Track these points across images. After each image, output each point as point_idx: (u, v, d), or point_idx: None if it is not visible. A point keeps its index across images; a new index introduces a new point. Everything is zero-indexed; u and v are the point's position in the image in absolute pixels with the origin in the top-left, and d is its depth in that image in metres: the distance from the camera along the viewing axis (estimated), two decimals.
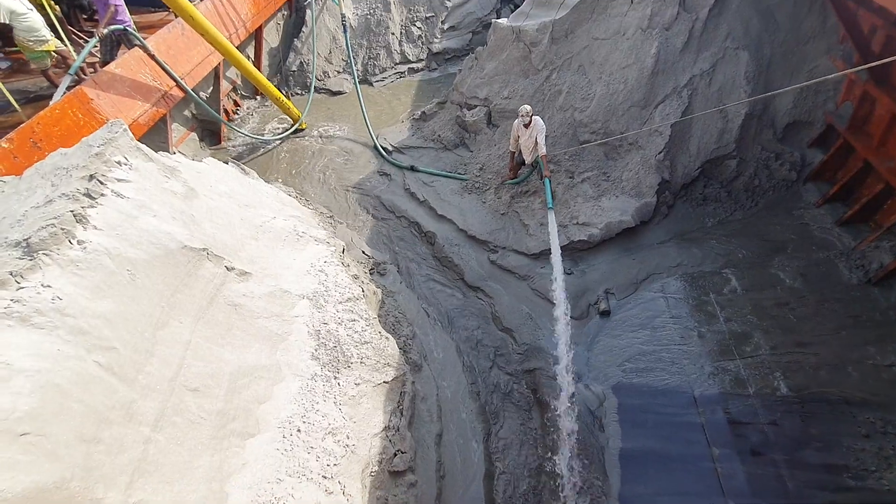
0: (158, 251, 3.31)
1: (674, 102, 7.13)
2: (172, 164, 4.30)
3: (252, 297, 3.85)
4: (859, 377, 5.16)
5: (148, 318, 3.03)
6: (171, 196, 3.79)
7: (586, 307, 6.41)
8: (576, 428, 5.15)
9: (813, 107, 7.24)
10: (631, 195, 7.06)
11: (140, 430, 2.66)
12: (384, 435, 4.18)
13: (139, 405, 2.72)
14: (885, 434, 4.71)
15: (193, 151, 8.57)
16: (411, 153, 8.93)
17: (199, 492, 2.75)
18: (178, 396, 2.94)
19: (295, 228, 5.16)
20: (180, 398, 2.95)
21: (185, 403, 2.96)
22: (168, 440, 2.76)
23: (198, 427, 2.95)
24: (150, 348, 2.95)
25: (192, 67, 7.99)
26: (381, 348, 4.60)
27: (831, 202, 6.79)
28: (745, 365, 5.47)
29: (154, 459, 2.63)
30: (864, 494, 4.41)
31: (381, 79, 11.13)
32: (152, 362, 2.92)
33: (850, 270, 6.08)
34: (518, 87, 8.27)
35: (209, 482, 2.84)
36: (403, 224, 7.75)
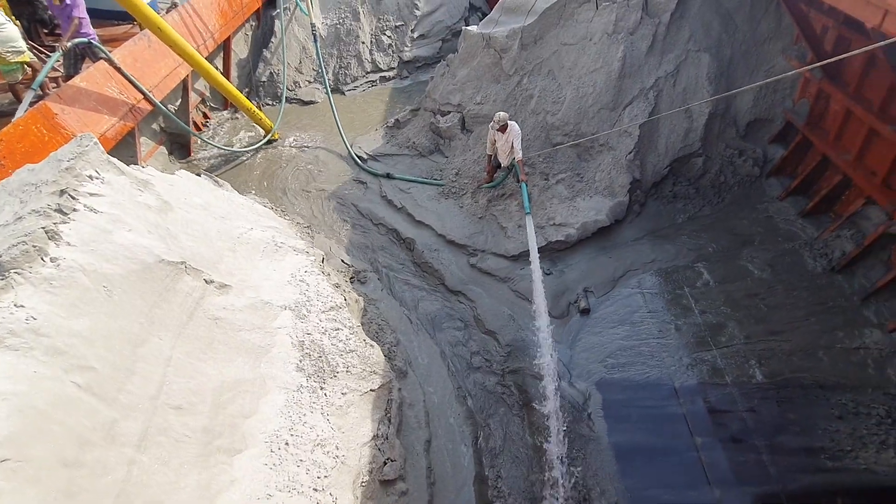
0: (135, 266, 3.21)
1: (641, 104, 7.34)
2: (145, 177, 4.19)
3: (233, 309, 3.78)
4: (830, 361, 5.38)
5: (127, 336, 2.94)
6: (145, 210, 3.69)
7: (566, 306, 6.51)
8: (563, 426, 5.21)
9: (772, 105, 7.58)
10: (604, 195, 7.23)
11: (123, 452, 2.56)
12: (373, 444, 4.14)
13: (121, 426, 2.63)
14: (858, 415, 4.92)
15: (163, 165, 8.37)
16: (386, 161, 8.93)
17: None
18: (161, 415, 2.86)
19: (273, 239, 5.09)
20: (164, 416, 2.86)
21: (169, 422, 2.88)
22: (153, 460, 2.67)
23: (183, 446, 2.87)
24: (131, 366, 2.86)
25: (160, 80, 7.83)
26: (367, 356, 4.57)
27: (793, 195, 7.10)
28: (722, 355, 5.64)
29: (139, 481, 2.54)
30: (842, 474, 4.59)
31: (352, 87, 11.12)
32: (133, 381, 2.83)
33: (814, 259, 6.35)
34: (490, 93, 8.38)
35: (198, 501, 2.75)
36: (382, 231, 7.73)
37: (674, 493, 4.72)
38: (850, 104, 6.16)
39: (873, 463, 4.60)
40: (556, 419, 5.26)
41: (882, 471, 4.55)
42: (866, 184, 6.01)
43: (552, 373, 5.49)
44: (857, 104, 6.08)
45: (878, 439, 4.71)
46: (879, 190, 5.87)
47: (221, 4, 9.50)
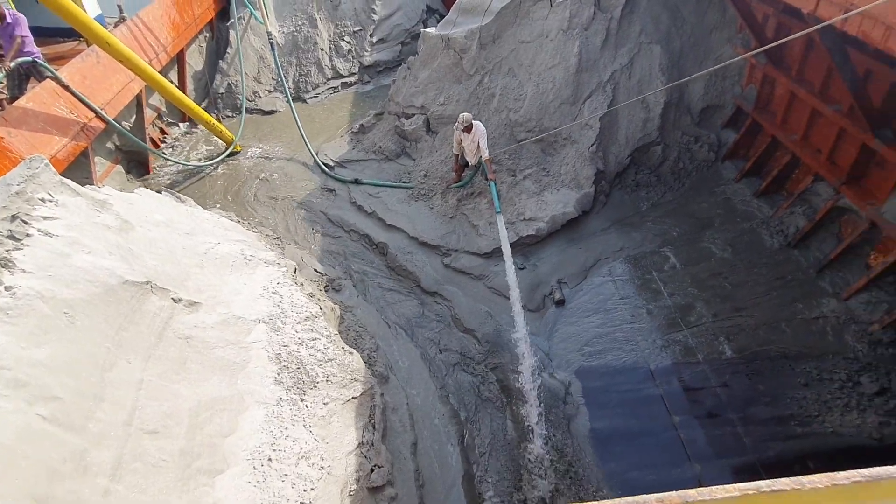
0: (97, 289, 3.09)
1: (599, 97, 7.53)
2: (102, 197, 4.05)
3: (204, 327, 3.68)
4: (792, 332, 5.64)
5: (93, 361, 2.83)
6: (104, 230, 3.56)
7: (541, 299, 6.61)
8: (545, 416, 5.29)
9: (722, 91, 7.89)
10: (571, 187, 7.37)
11: (97, 482, 2.47)
12: (359, 451, 4.11)
13: (93, 455, 2.53)
14: (822, 381, 5.17)
15: (121, 184, 8.09)
16: (353, 166, 8.87)
17: None
18: (135, 441, 2.76)
19: (242, 253, 4.99)
20: (138, 442, 2.77)
21: (144, 447, 2.78)
22: (129, 489, 2.58)
23: (160, 471, 2.78)
24: (99, 393, 2.75)
25: (112, 96, 7.56)
26: (346, 364, 4.53)
27: (748, 177, 7.41)
28: (692, 334, 5.84)
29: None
30: (812, 439, 4.81)
31: (314, 95, 10.99)
32: (103, 408, 2.72)
33: (771, 237, 6.64)
34: (453, 93, 8.44)
35: None
36: (353, 238, 7.67)
37: (656, 473, 4.85)
38: (794, 87, 6.48)
39: (838, 425, 4.85)
40: (537, 413, 5.33)
41: (847, 432, 4.80)
42: (813, 162, 6.33)
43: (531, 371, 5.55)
44: (799, 87, 6.40)
45: (842, 402, 4.96)
46: (825, 167, 6.18)
47: (173, 17, 9.26)
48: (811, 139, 6.54)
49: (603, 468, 4.95)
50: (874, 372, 5.09)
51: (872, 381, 5.00)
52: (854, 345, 5.37)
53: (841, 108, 5.87)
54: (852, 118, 5.67)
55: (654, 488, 3.84)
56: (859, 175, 5.86)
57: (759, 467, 4.73)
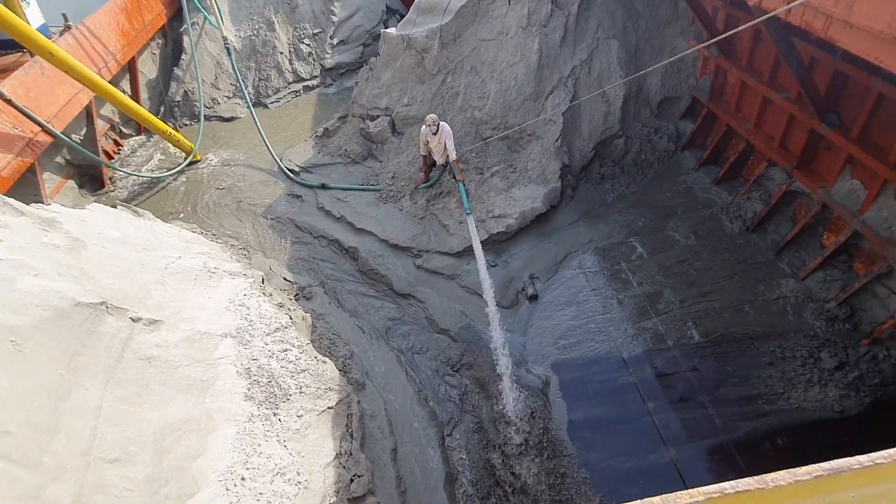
0: (47, 313, 2.93)
1: (561, 92, 7.62)
2: (50, 215, 3.84)
3: (167, 346, 3.54)
4: (755, 313, 5.84)
5: (46, 391, 2.67)
6: (53, 251, 3.38)
7: (515, 295, 6.65)
8: (524, 411, 5.32)
9: (678, 83, 8.10)
10: (538, 183, 7.44)
11: None
12: (337, 462, 4.03)
13: (50, 490, 2.39)
14: (784, 359, 5.37)
15: (73, 200, 7.73)
16: (320, 171, 8.72)
17: None
18: (95, 472, 2.62)
19: (205, 265, 4.83)
20: (99, 473, 2.63)
21: (106, 477, 2.65)
22: None
23: (125, 501, 2.65)
24: (54, 423, 2.60)
25: (59, 109, 7.21)
26: (320, 373, 4.44)
27: (706, 165, 7.63)
28: (662, 321, 5.98)
29: None
30: (779, 416, 4.99)
31: (275, 100, 10.77)
32: (59, 439, 2.58)
33: (731, 222, 6.86)
34: (416, 94, 8.39)
35: None
36: (323, 244, 7.54)
37: (634, 460, 4.94)
38: (744, 77, 6.70)
39: (803, 401, 5.05)
40: (517, 406, 5.36)
41: (811, 407, 5.00)
42: (766, 148, 6.57)
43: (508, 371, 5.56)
44: (750, 76, 6.63)
45: (805, 378, 5.16)
46: (778, 152, 6.42)
47: (121, 23, 8.90)
48: (763, 126, 6.78)
49: (582, 458, 5.00)
50: (833, 347, 5.32)
51: (832, 357, 5.22)
52: (813, 322, 5.60)
53: (789, 96, 6.10)
54: (800, 105, 5.91)
55: (632, 475, 3.89)
56: (809, 159, 6.12)
57: (731, 447, 4.87)
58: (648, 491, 4.74)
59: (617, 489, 4.75)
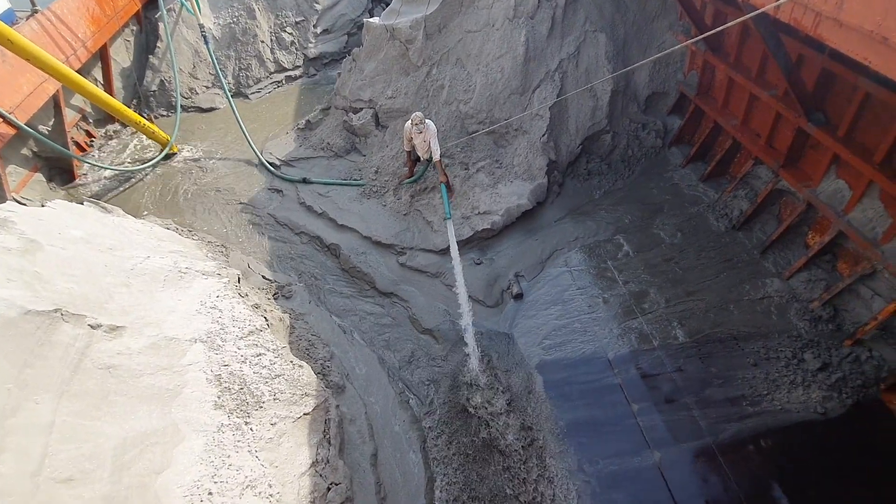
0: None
1: (548, 86, 7.47)
2: (2, 214, 3.61)
3: (129, 353, 3.35)
4: (740, 313, 5.80)
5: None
6: (3, 254, 3.16)
7: (500, 294, 6.53)
8: (509, 411, 5.22)
9: (666, 78, 8.00)
10: (524, 179, 7.31)
11: None
12: (313, 471, 3.89)
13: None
14: (769, 360, 5.34)
15: (41, 194, 7.42)
16: (301, 165, 8.49)
17: None
18: (46, 493, 2.45)
19: (176, 265, 4.62)
20: (49, 494, 2.46)
21: (58, 499, 2.48)
22: None
23: None
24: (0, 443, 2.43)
25: (23, 98, 6.88)
26: (296, 378, 4.28)
27: (693, 162, 7.56)
28: (647, 321, 5.91)
29: None
30: (763, 417, 4.95)
31: (256, 90, 10.47)
32: (4, 460, 2.40)
33: (717, 220, 6.81)
34: (401, 86, 8.18)
35: None
36: (304, 240, 7.35)
37: (618, 462, 4.88)
38: (732, 73, 6.61)
39: (786, 402, 5.02)
40: (501, 405, 5.26)
41: (794, 408, 4.97)
42: (753, 146, 6.51)
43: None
44: (737, 72, 6.54)
45: (788, 380, 5.13)
46: (764, 150, 6.36)
47: (91, 8, 8.52)
48: (750, 124, 6.72)
49: (568, 461, 4.93)
50: (816, 348, 5.30)
51: (815, 357, 5.20)
52: (797, 323, 5.57)
53: (777, 93, 6.03)
54: (787, 103, 5.84)
55: (616, 478, 3.80)
56: (796, 158, 6.06)
57: (715, 449, 4.83)
58: (634, 494, 4.71)
59: (601, 492, 4.68)
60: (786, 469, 4.64)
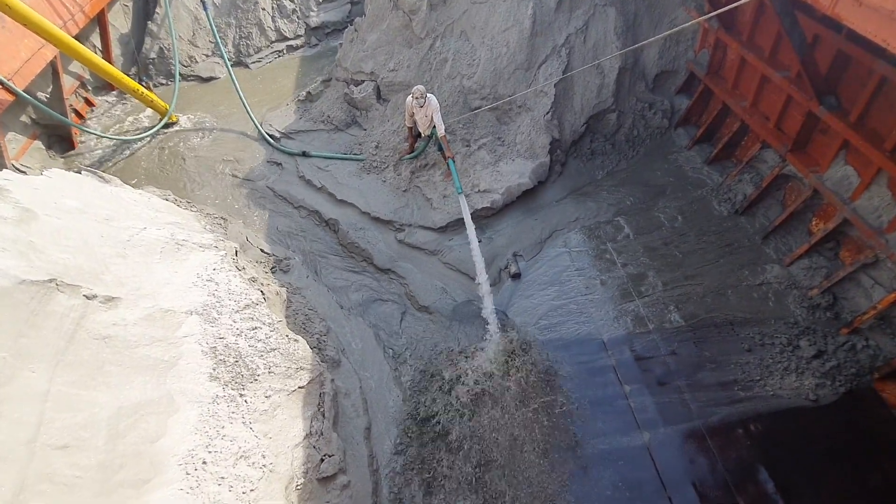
0: None
1: (554, 62, 7.28)
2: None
3: (125, 324, 3.38)
4: (737, 299, 5.78)
5: None
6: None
7: (497, 273, 6.52)
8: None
9: (676, 56, 7.77)
10: (526, 157, 7.20)
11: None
12: (307, 443, 3.97)
13: None
14: (764, 346, 5.34)
15: (41, 162, 7.39)
16: (301, 138, 8.39)
17: None
18: (41, 460, 2.51)
19: (173, 237, 4.62)
20: (45, 461, 2.52)
21: (53, 466, 2.54)
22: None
23: (75, 489, 2.55)
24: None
25: (20, 65, 6.78)
26: (291, 352, 4.32)
27: (699, 144, 7.42)
28: (644, 304, 5.91)
29: None
30: (754, 402, 4.99)
31: (256, 60, 10.26)
32: (0, 427, 2.45)
33: (720, 204, 6.72)
34: (403, 58, 7.99)
35: None
36: (302, 214, 7.32)
37: (608, 442, 4.95)
38: (744, 52, 6.41)
39: (778, 388, 5.05)
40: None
41: (786, 394, 5.00)
42: (761, 128, 6.36)
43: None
44: (750, 52, 6.34)
45: (782, 366, 5.15)
46: (773, 133, 6.22)
47: None
48: (760, 106, 6.55)
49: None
50: (812, 336, 5.29)
51: (811, 345, 5.20)
52: (794, 310, 5.56)
53: (789, 75, 5.86)
54: (799, 85, 5.67)
55: (605, 457, 3.85)
56: (804, 142, 5.93)
57: (704, 432, 4.89)
58: (622, 472, 4.79)
59: (590, 470, 4.77)
60: (773, 453, 4.70)
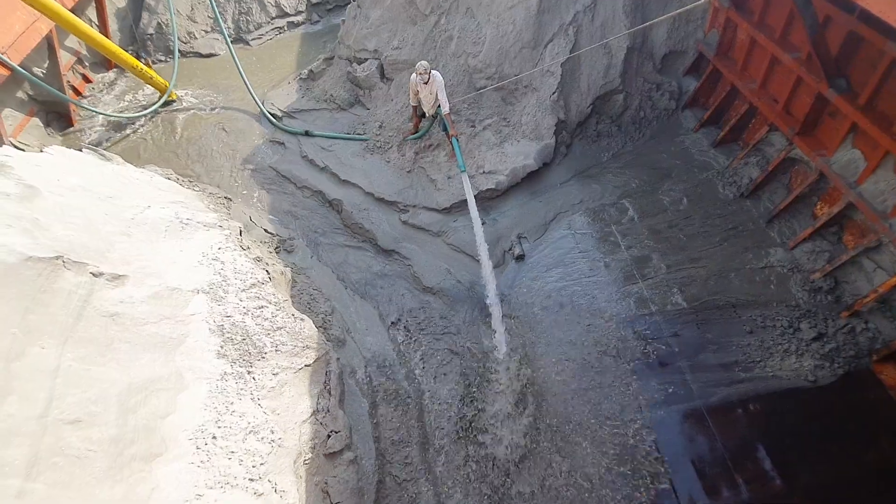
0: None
1: (561, 41, 7.16)
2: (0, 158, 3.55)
3: (132, 302, 3.38)
4: (740, 282, 5.80)
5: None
6: (1, 200, 3.13)
7: (501, 254, 6.53)
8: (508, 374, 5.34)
9: (685, 36, 7.64)
10: (531, 138, 7.14)
11: (7, 484, 2.25)
12: (314, 419, 4.02)
13: (1, 455, 2.30)
14: (765, 328, 5.39)
15: (39, 139, 7.30)
16: (304, 117, 8.29)
17: None
18: (53, 434, 2.53)
19: (177, 216, 4.59)
20: (57, 435, 2.54)
21: (66, 440, 2.56)
22: (49, 486, 2.38)
23: (87, 462, 2.58)
24: (5, 386, 2.48)
25: (14, 38, 6.63)
26: (297, 331, 4.34)
27: (706, 126, 7.35)
28: (647, 286, 5.93)
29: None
30: (753, 383, 5.06)
31: (257, 36, 10.07)
32: (10, 402, 2.46)
33: (725, 187, 6.69)
34: (408, 36, 7.85)
35: None
36: (306, 194, 7.28)
37: (610, 423, 5.01)
38: (755, 32, 6.31)
39: (778, 370, 5.11)
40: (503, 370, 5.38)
41: (785, 375, 5.06)
42: (769, 111, 6.30)
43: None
44: (760, 32, 6.24)
45: (782, 348, 5.20)
46: (781, 116, 6.16)
47: None
48: (769, 88, 6.47)
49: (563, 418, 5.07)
50: (813, 318, 5.33)
51: (811, 328, 5.25)
52: (796, 293, 5.58)
53: (799, 56, 5.77)
54: (809, 67, 5.60)
55: (607, 438, 3.89)
56: (812, 125, 5.88)
57: (704, 411, 4.96)
58: (623, 449, 4.86)
59: (591, 450, 4.84)
60: (771, 432, 4.78)
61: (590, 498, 4.54)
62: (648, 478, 4.60)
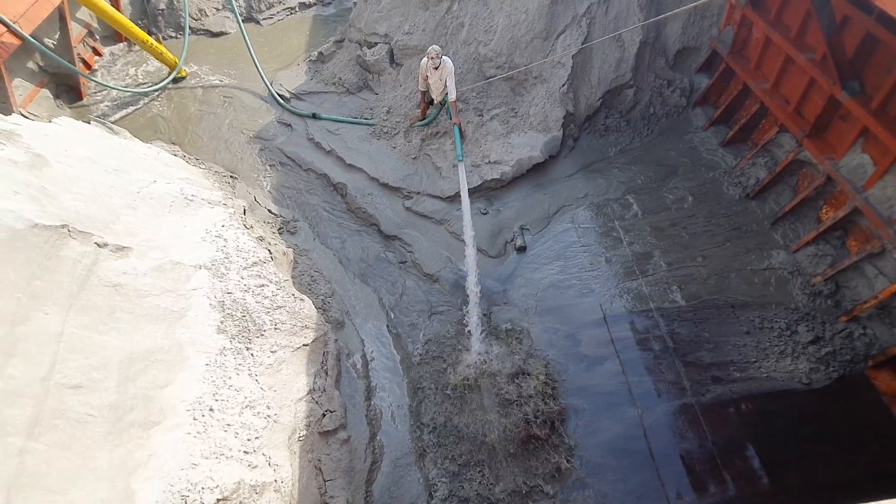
0: (1, 234, 2.78)
1: (574, 32, 7.10)
2: (8, 127, 3.58)
3: (135, 273, 3.43)
4: (740, 282, 5.80)
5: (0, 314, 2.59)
6: (10, 167, 3.17)
7: (503, 245, 6.54)
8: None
9: (700, 33, 7.56)
10: (538, 130, 7.11)
11: (10, 442, 2.32)
12: (310, 398, 4.08)
13: (3, 415, 2.36)
14: (762, 329, 5.40)
15: (48, 110, 7.33)
16: (312, 99, 8.28)
17: (99, 493, 2.50)
18: (55, 397, 2.59)
19: (182, 192, 4.63)
20: (59, 398, 2.61)
21: (67, 403, 2.63)
22: (50, 447, 2.45)
23: (87, 426, 2.65)
24: (10, 348, 2.54)
25: (27, 8, 6.63)
26: (297, 311, 4.39)
27: (716, 125, 7.29)
28: (647, 283, 5.94)
29: (34, 471, 2.33)
30: (747, 383, 5.09)
31: (268, 16, 10.01)
32: (14, 364, 2.52)
33: (731, 187, 6.66)
34: (419, 21, 7.80)
35: (111, 481, 2.59)
36: (311, 177, 7.30)
37: (603, 417, 5.06)
38: (770, 31, 6.23)
39: (773, 371, 5.13)
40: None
41: (779, 377, 5.09)
42: (780, 112, 6.24)
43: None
44: (776, 31, 6.16)
45: (778, 350, 5.22)
46: (791, 117, 6.11)
47: None
48: (781, 88, 6.41)
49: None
50: (811, 322, 5.34)
51: (809, 331, 5.25)
52: (796, 296, 5.58)
53: (814, 57, 5.71)
54: (823, 68, 5.54)
55: (600, 432, 3.93)
56: (823, 128, 5.83)
57: (697, 409, 5.00)
58: (614, 443, 4.92)
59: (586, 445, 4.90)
60: (761, 432, 4.81)
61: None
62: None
